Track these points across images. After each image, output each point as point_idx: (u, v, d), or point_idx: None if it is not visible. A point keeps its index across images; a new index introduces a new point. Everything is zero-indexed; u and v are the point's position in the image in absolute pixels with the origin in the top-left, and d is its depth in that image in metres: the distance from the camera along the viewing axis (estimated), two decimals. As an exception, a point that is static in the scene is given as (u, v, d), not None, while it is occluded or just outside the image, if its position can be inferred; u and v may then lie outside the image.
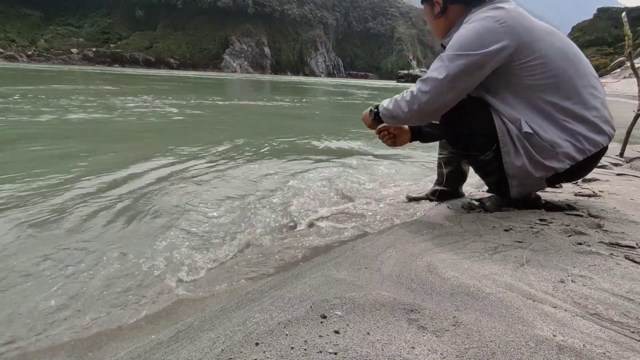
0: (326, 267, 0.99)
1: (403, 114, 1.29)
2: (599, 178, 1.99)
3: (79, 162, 2.55)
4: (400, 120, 1.34)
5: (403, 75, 54.33)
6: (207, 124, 5.00)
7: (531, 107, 1.23)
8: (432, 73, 1.22)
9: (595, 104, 1.24)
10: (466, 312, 0.72)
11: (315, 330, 0.66)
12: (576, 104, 1.22)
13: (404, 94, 1.30)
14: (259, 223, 1.61)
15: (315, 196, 1.98)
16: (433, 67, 1.24)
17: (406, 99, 1.28)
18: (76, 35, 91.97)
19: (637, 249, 1.01)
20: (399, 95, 1.32)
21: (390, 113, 1.35)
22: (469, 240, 1.11)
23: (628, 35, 2.74)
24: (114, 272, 1.21)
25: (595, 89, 1.26)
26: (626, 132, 2.95)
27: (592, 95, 1.24)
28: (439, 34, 1.45)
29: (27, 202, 1.74)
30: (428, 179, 2.40)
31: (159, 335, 0.84)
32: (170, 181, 2.17)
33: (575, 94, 1.22)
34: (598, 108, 1.25)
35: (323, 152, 3.29)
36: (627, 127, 2.96)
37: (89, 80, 14.66)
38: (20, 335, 0.92)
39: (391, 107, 1.34)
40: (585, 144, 1.23)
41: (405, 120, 1.33)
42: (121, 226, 1.54)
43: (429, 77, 1.22)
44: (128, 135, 3.87)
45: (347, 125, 5.39)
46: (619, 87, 27.59)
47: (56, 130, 3.82)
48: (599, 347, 0.62)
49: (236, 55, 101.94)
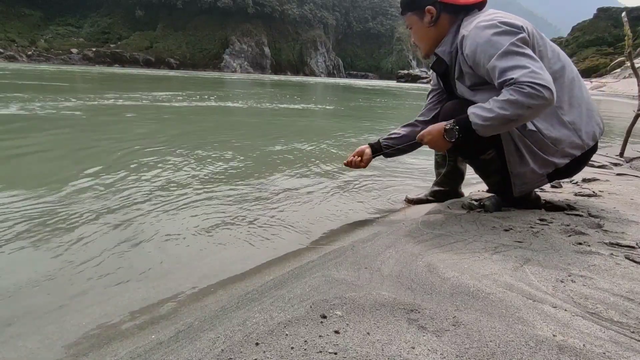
0: (326, 267, 0.99)
1: (528, 111, 1.09)
2: (599, 178, 1.99)
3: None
4: (523, 118, 1.12)
5: (403, 75, 54.25)
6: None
7: None
8: (520, 63, 1.10)
9: (585, 94, 1.29)
10: (466, 312, 0.72)
11: (315, 330, 0.66)
12: (572, 98, 1.26)
13: (508, 96, 1.09)
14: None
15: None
16: (512, 62, 1.11)
17: (524, 93, 1.07)
18: (76, 35, 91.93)
19: (637, 249, 1.01)
20: (494, 101, 1.13)
21: (503, 118, 1.11)
22: (469, 240, 1.11)
23: (628, 35, 2.74)
24: (113, 271, 1.21)
25: (580, 81, 1.31)
26: (626, 132, 2.95)
27: (580, 88, 1.29)
28: (429, 43, 1.40)
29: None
30: (428, 179, 2.40)
31: (159, 335, 0.84)
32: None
33: (570, 89, 1.26)
34: (588, 101, 1.30)
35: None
36: (627, 127, 2.96)
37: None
38: (20, 335, 0.92)
39: (504, 112, 1.10)
40: (585, 139, 1.25)
41: (529, 117, 1.13)
42: (123, 225, 1.54)
43: (525, 68, 1.09)
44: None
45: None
46: (619, 87, 27.59)
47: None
48: (599, 347, 0.62)
49: (236, 55, 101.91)
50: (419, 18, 1.38)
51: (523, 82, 1.07)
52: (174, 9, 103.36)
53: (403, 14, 1.43)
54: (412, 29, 1.43)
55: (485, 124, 1.15)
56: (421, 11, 1.36)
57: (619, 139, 3.87)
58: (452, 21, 1.34)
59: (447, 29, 1.35)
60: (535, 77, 1.07)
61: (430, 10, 1.34)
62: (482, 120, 1.15)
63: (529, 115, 1.11)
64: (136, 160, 2.59)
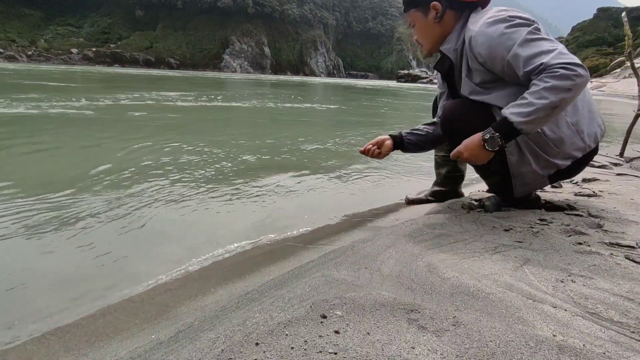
0: (326, 267, 0.99)
1: (569, 93, 1.04)
2: (599, 178, 1.99)
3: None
4: (566, 101, 1.06)
5: (403, 75, 54.19)
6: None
7: None
8: (544, 47, 1.08)
9: (587, 96, 1.28)
10: (466, 312, 0.72)
11: (315, 330, 0.66)
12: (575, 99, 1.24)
13: (543, 84, 1.04)
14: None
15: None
16: (536, 49, 1.08)
17: (559, 76, 1.03)
18: (76, 35, 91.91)
19: (637, 249, 1.01)
20: (530, 94, 1.07)
21: (546, 107, 1.04)
22: (469, 240, 1.11)
23: (628, 35, 2.74)
24: (114, 271, 1.21)
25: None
26: (626, 132, 2.95)
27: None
28: (433, 40, 1.38)
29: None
30: (428, 179, 2.40)
31: (159, 335, 0.84)
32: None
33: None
34: (590, 102, 1.28)
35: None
36: (627, 127, 2.96)
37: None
38: (20, 335, 0.92)
39: (545, 101, 1.04)
40: (587, 140, 1.24)
41: (572, 98, 1.07)
42: (124, 225, 1.54)
43: (551, 51, 1.06)
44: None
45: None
46: (619, 87, 27.60)
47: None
48: (599, 347, 0.62)
49: (236, 55, 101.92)
50: (424, 14, 1.36)
51: (554, 65, 1.03)
52: (174, 9, 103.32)
53: (406, 10, 1.41)
54: (415, 26, 1.41)
55: (529, 119, 1.06)
56: (426, 7, 1.34)
57: (619, 139, 3.87)
58: (457, 18, 1.33)
59: (451, 26, 1.33)
60: (564, 57, 1.05)
61: (435, 7, 1.32)
62: (525, 116, 1.07)
63: (571, 97, 1.05)
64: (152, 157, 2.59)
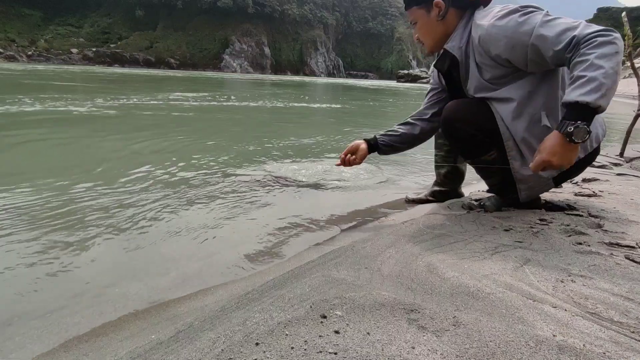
0: (326, 267, 0.99)
1: (618, 56, 1.01)
2: (599, 178, 1.99)
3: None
4: (620, 64, 1.03)
5: (403, 75, 54.11)
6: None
7: (552, 100, 1.20)
8: (568, 23, 1.06)
9: None
10: (466, 312, 0.72)
11: (315, 330, 0.66)
12: None
13: (588, 57, 1.00)
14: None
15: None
16: (560, 27, 1.05)
17: (598, 44, 0.99)
18: (76, 35, 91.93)
19: (637, 249, 1.01)
20: (583, 71, 1.00)
21: (608, 75, 0.99)
22: (469, 240, 1.11)
23: (628, 36, 2.74)
24: (113, 271, 1.21)
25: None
26: (626, 132, 2.95)
27: None
28: (436, 38, 1.37)
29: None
30: (428, 179, 2.40)
31: (159, 335, 0.84)
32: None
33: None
34: None
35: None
36: (627, 127, 2.96)
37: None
38: (20, 335, 0.92)
39: (601, 70, 0.98)
40: (591, 139, 1.23)
41: (620, 60, 1.04)
42: (124, 225, 1.54)
43: (576, 25, 1.05)
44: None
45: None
46: (619, 87, 27.53)
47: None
48: (599, 347, 0.62)
49: (236, 55, 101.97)
50: (426, 12, 1.35)
51: (587, 35, 1.00)
52: (174, 9, 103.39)
53: (408, 8, 1.40)
54: (416, 24, 1.39)
55: (601, 93, 0.98)
56: (428, 5, 1.33)
57: (619, 138, 3.87)
58: (459, 16, 1.32)
59: (454, 24, 1.32)
60: (592, 27, 1.03)
61: (438, 4, 1.31)
62: (595, 92, 0.98)
63: (621, 59, 1.02)
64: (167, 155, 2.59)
